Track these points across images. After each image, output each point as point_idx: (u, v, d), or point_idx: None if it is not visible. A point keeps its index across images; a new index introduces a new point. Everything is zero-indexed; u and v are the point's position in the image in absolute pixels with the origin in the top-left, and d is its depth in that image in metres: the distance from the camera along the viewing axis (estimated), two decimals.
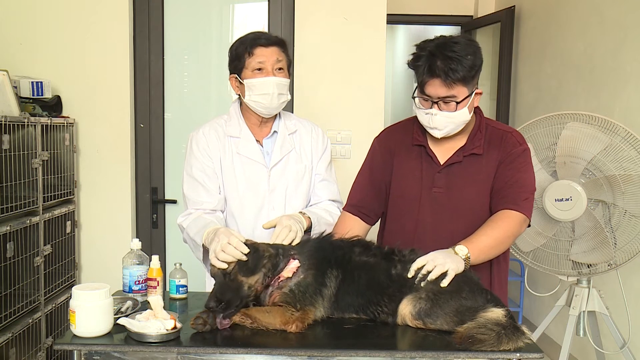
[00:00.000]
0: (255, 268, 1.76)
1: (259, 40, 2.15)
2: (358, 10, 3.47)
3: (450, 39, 1.93)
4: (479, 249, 1.90)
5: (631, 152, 2.70)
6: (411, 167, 2.11)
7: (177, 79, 3.62)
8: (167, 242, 3.63)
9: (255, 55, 2.14)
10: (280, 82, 2.16)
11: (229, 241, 1.76)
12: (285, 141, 2.26)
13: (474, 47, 1.92)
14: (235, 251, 1.75)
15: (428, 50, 1.92)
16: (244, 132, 2.24)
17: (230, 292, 1.73)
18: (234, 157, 2.22)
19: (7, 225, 2.71)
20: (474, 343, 1.59)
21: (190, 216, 2.14)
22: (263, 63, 2.14)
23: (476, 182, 2.05)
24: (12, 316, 2.76)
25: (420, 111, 2.00)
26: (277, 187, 2.23)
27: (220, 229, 1.89)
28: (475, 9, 5.40)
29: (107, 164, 3.48)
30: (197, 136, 2.25)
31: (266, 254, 1.79)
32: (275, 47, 2.16)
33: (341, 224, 2.19)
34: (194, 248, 2.12)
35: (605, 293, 3.07)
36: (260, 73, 2.15)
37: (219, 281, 1.77)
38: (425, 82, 1.92)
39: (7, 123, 2.71)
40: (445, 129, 1.98)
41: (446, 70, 1.87)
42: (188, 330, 1.71)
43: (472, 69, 1.90)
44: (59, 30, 3.40)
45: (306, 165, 2.28)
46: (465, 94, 1.93)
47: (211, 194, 2.19)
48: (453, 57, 1.87)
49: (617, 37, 3.40)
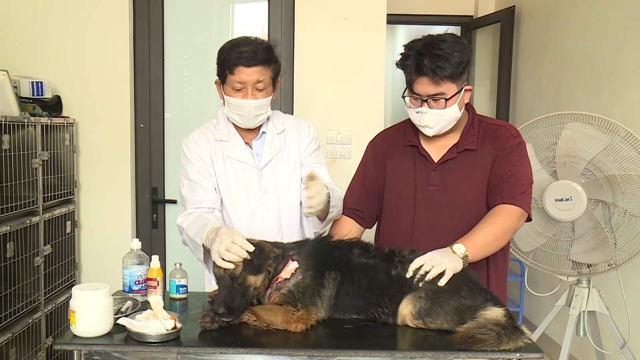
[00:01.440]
0: (261, 267, 1.76)
1: (241, 60, 2.05)
2: (358, 10, 3.47)
3: (437, 37, 1.96)
4: (477, 246, 1.90)
5: (631, 152, 2.70)
6: (405, 168, 2.13)
7: (177, 79, 3.62)
8: (167, 242, 3.64)
9: (235, 74, 2.07)
10: (259, 104, 2.12)
11: (233, 240, 1.74)
12: (274, 141, 2.25)
13: (461, 45, 1.95)
14: (241, 250, 1.73)
15: (416, 49, 1.95)
16: (233, 135, 2.24)
17: (239, 297, 1.72)
18: (225, 161, 2.22)
19: (7, 225, 2.71)
20: (474, 343, 1.59)
21: (190, 216, 2.12)
22: (243, 84, 2.09)
23: (471, 177, 2.06)
24: (12, 316, 2.76)
25: (411, 110, 2.03)
26: (269, 187, 2.22)
27: (221, 228, 1.86)
28: (475, 9, 5.40)
29: (107, 164, 3.48)
30: (188, 142, 2.24)
31: (272, 255, 1.78)
32: (258, 66, 2.07)
33: (338, 227, 2.21)
34: (194, 249, 2.09)
35: (605, 293, 3.07)
36: (239, 93, 2.11)
37: (226, 285, 1.74)
38: (414, 81, 1.96)
39: (7, 123, 2.71)
40: (437, 127, 2.01)
41: (433, 68, 1.90)
42: (188, 330, 1.71)
43: (459, 66, 1.92)
44: (59, 30, 3.40)
45: (295, 160, 2.27)
46: (454, 90, 1.95)
47: (209, 193, 2.18)
48: (440, 55, 1.90)
49: (617, 37, 3.40)
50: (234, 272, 1.74)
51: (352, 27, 3.47)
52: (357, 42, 3.48)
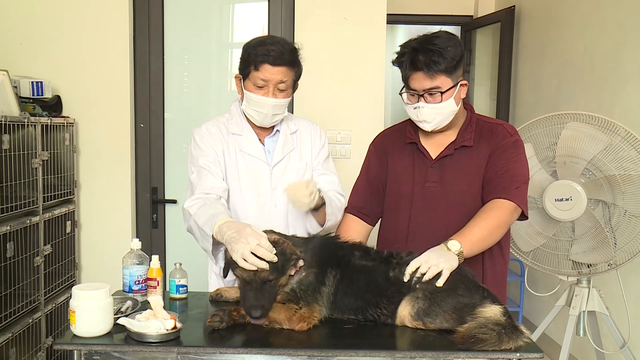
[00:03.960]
0: (284, 269, 1.76)
1: (269, 58, 2.07)
2: (358, 10, 3.47)
3: (432, 34, 2.02)
4: (472, 241, 1.91)
5: (631, 152, 2.70)
6: (404, 165, 2.17)
7: (177, 79, 3.62)
8: (167, 242, 3.63)
9: (260, 71, 2.09)
10: (278, 103, 2.14)
11: (260, 243, 1.72)
12: (287, 140, 2.27)
13: (454, 40, 2.01)
14: (269, 254, 1.72)
15: (411, 47, 2.00)
16: (246, 130, 2.24)
17: (269, 297, 1.72)
18: (237, 154, 2.22)
19: (7, 225, 2.71)
20: (476, 343, 1.60)
21: (199, 201, 2.07)
22: (266, 81, 2.10)
23: (467, 174, 2.08)
24: (12, 316, 2.76)
25: (408, 107, 2.07)
26: (279, 185, 2.23)
27: (246, 229, 1.79)
28: (475, 9, 5.40)
29: (107, 164, 3.48)
30: (201, 132, 2.24)
31: (294, 256, 1.78)
32: (283, 67, 2.09)
33: (344, 226, 2.25)
34: (201, 237, 2.02)
35: (605, 293, 3.07)
36: (260, 90, 2.12)
37: (256, 288, 1.72)
38: (409, 76, 2.01)
39: (7, 123, 2.71)
40: (434, 121, 2.04)
41: (428, 63, 1.95)
42: (188, 330, 1.71)
43: (453, 60, 1.97)
44: (59, 30, 3.40)
45: (307, 163, 2.29)
46: (450, 84, 1.99)
47: (218, 180, 2.16)
48: (434, 50, 1.95)
49: (617, 37, 3.40)
50: (266, 275, 1.72)
51: (352, 27, 3.48)
52: (357, 42, 3.48)
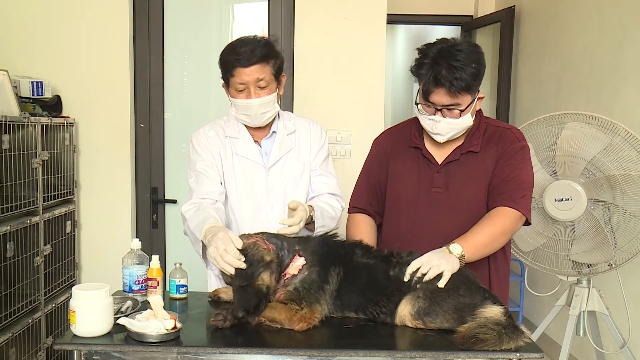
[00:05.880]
0: (253, 275, 1.76)
1: (238, 61, 2.07)
2: (358, 10, 3.47)
3: (454, 45, 1.91)
4: (474, 246, 1.90)
5: (631, 152, 2.70)
6: (407, 168, 2.13)
7: (177, 79, 3.62)
8: (167, 242, 3.63)
9: (235, 76, 2.10)
10: (263, 101, 2.14)
11: (226, 249, 1.75)
12: (284, 141, 2.27)
13: (478, 54, 1.93)
14: (234, 260, 1.74)
15: (431, 57, 1.91)
16: (242, 132, 2.25)
17: (253, 297, 1.73)
18: (233, 158, 2.23)
19: (7, 225, 2.71)
20: (476, 343, 1.60)
21: (194, 207, 2.12)
22: (244, 84, 2.11)
23: (474, 179, 2.06)
24: (12, 316, 2.76)
25: (423, 117, 2.02)
26: (276, 186, 2.23)
27: (218, 233, 1.83)
28: (475, 9, 5.40)
29: (107, 164, 3.48)
30: (198, 135, 2.27)
31: (262, 264, 1.78)
32: (256, 65, 2.08)
33: (354, 227, 2.21)
34: (194, 241, 2.09)
35: (605, 293, 3.07)
36: (242, 94, 2.13)
37: (237, 288, 1.75)
38: (431, 92, 1.93)
39: (7, 123, 2.71)
40: (448, 135, 2.01)
41: (451, 80, 1.87)
42: (188, 330, 1.71)
43: (476, 78, 1.91)
44: (59, 30, 3.40)
45: (305, 163, 2.29)
46: (469, 101, 1.95)
47: (214, 184, 2.19)
48: (457, 67, 1.87)
49: (617, 37, 3.40)
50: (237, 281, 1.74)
51: (352, 27, 3.47)
52: (357, 42, 3.48)
